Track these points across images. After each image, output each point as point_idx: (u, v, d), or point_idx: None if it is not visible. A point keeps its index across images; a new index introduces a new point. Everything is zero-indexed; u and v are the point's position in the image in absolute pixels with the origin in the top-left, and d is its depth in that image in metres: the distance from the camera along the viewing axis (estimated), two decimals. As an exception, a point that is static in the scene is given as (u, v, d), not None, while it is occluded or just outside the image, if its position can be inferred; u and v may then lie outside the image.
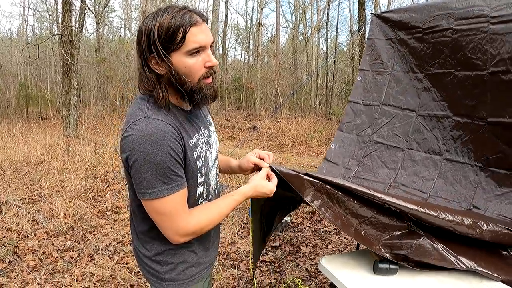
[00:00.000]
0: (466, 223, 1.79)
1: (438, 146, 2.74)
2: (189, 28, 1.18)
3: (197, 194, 1.38)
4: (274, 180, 1.54)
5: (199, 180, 1.36)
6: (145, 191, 1.21)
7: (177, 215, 1.26)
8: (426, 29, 2.80)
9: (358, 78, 3.40)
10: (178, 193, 1.24)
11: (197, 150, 1.33)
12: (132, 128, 1.18)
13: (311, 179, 1.66)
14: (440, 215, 1.76)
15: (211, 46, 1.27)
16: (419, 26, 2.85)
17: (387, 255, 1.77)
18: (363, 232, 1.78)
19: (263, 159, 1.61)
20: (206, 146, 1.41)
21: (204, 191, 1.41)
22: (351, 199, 1.76)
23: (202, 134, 1.40)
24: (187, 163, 1.28)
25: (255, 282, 3.35)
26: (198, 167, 1.34)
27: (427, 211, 1.75)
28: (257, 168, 1.61)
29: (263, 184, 1.47)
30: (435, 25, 2.72)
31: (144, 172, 1.18)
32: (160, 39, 1.18)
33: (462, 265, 1.78)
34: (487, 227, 1.83)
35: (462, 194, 2.51)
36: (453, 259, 1.78)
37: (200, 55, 1.24)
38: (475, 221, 1.82)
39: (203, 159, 1.36)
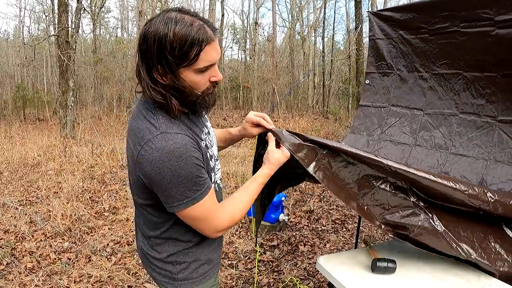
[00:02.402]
0: (477, 191, 1.80)
1: (444, 142, 2.80)
2: (204, 47, 1.16)
3: None
4: (284, 149, 1.55)
5: (213, 179, 1.38)
6: (180, 203, 1.22)
7: (211, 216, 1.30)
8: (432, 30, 2.84)
9: (366, 81, 3.43)
10: (209, 193, 1.26)
11: (208, 150, 1.35)
12: (151, 147, 1.16)
13: (313, 145, 1.64)
14: (454, 185, 1.75)
15: None
16: (425, 27, 2.88)
17: (389, 233, 1.76)
18: (366, 208, 1.76)
19: (259, 123, 1.62)
20: (210, 144, 1.42)
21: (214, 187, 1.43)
22: (355, 169, 1.73)
23: (205, 133, 1.40)
24: (205, 165, 1.29)
25: (257, 255, 3.35)
26: (212, 166, 1.36)
27: (439, 180, 1.73)
28: (261, 129, 1.62)
29: (278, 157, 1.50)
30: (442, 27, 2.76)
31: (175, 187, 1.18)
32: (173, 53, 1.14)
33: (462, 252, 1.77)
34: (498, 197, 1.84)
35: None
36: (454, 245, 1.77)
37: (208, 71, 1.23)
38: (486, 191, 1.83)
39: (214, 157, 1.40)
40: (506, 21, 2.34)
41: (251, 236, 4.34)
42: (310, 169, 1.64)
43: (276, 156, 1.50)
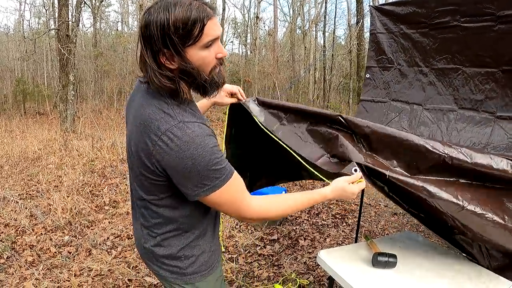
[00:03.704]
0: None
1: (442, 137, 2.80)
2: (207, 22, 1.17)
3: None
4: (362, 184, 1.56)
5: None
6: (202, 190, 1.22)
7: (236, 202, 1.31)
8: (432, 24, 2.83)
9: (366, 76, 3.43)
10: (232, 179, 1.26)
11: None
12: (169, 137, 1.16)
13: (276, 111, 1.84)
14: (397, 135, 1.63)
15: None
16: (425, 22, 2.87)
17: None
18: (333, 161, 1.79)
19: (235, 94, 1.85)
20: None
21: None
22: (320, 131, 1.81)
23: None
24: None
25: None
26: None
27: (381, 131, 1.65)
28: (234, 100, 1.88)
29: (347, 189, 1.51)
30: (442, 21, 2.75)
31: (195, 175, 1.19)
32: (177, 33, 1.15)
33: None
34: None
35: None
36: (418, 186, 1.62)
37: (213, 47, 1.24)
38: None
39: None
40: (508, 16, 2.33)
41: (251, 230, 4.34)
42: (275, 131, 1.80)
43: (345, 188, 1.51)
